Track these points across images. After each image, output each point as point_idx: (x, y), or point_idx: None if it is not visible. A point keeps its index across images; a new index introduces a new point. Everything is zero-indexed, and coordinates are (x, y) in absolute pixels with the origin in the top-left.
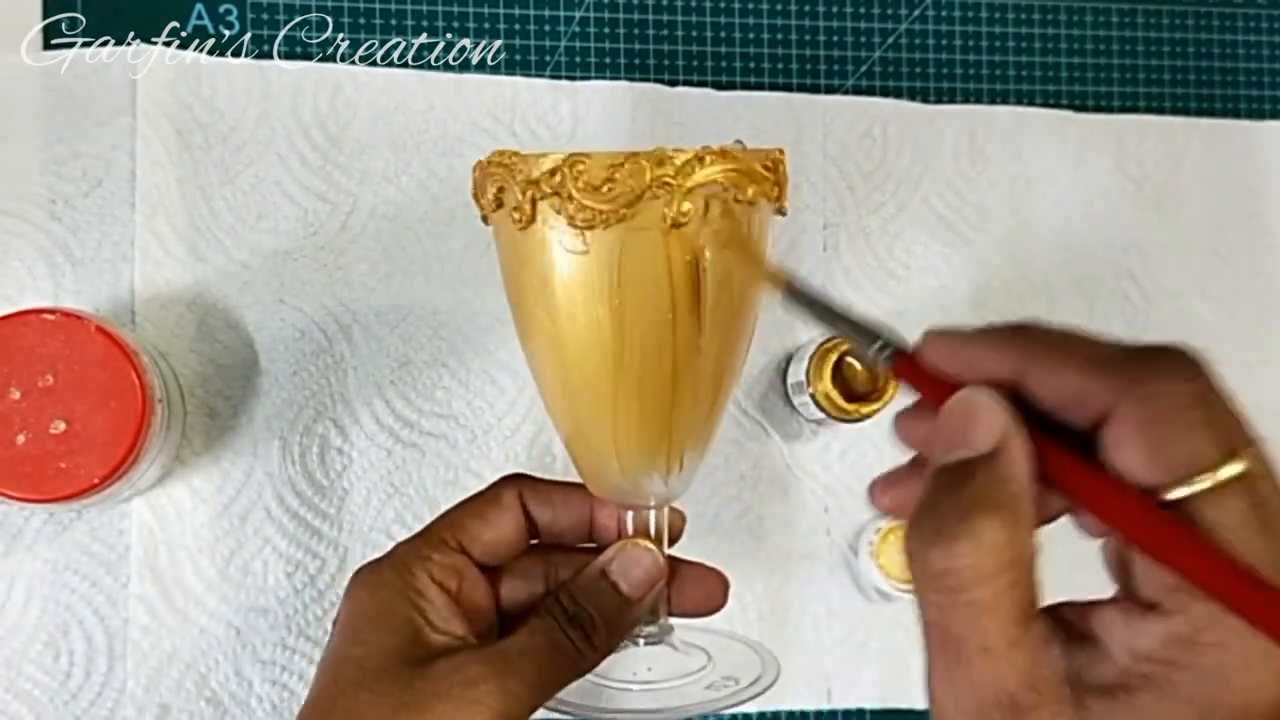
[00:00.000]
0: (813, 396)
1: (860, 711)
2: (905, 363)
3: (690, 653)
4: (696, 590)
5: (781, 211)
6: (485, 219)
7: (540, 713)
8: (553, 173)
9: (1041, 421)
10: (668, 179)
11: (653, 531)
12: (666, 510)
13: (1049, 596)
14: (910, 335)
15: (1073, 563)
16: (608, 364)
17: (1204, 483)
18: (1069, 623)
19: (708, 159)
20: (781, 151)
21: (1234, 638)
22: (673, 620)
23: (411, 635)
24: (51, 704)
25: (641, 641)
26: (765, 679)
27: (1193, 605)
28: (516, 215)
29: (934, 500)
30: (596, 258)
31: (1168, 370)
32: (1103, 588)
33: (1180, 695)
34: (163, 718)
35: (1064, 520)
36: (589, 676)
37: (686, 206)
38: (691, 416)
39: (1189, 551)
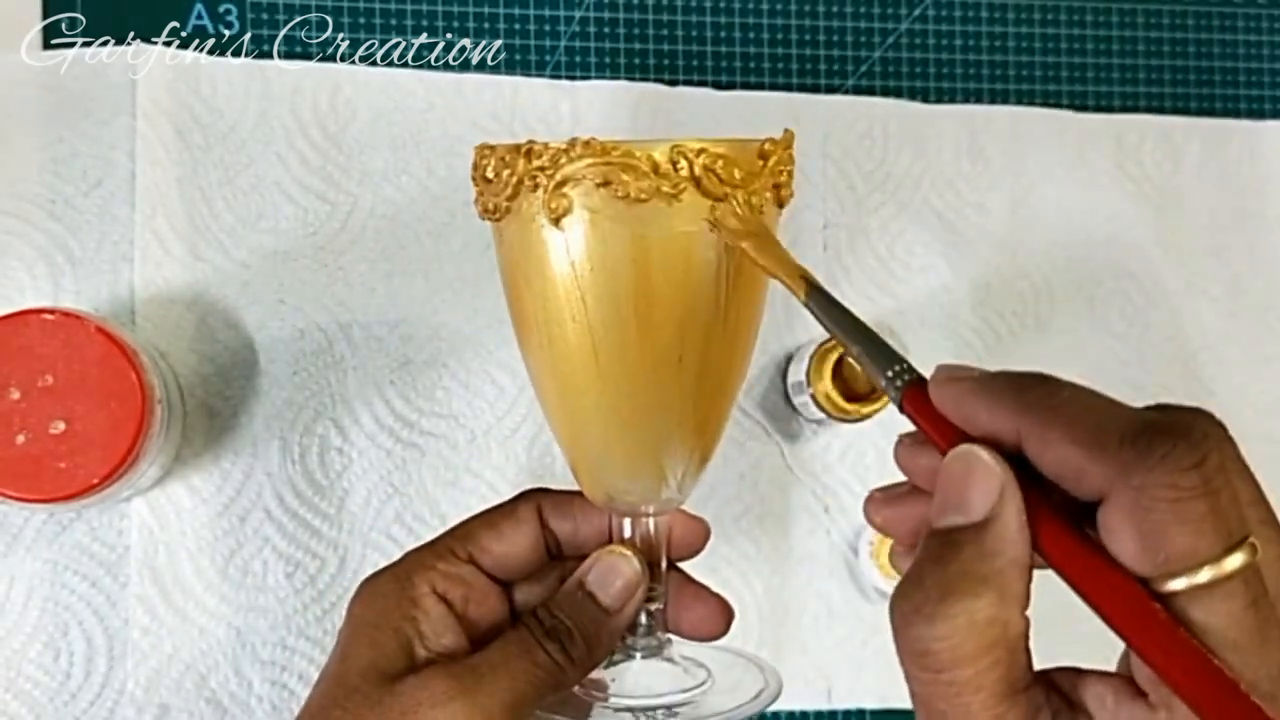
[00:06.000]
0: (813, 396)
1: (860, 712)
2: (916, 397)
3: (690, 669)
4: (696, 610)
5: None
6: (489, 215)
7: None
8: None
9: (1049, 485)
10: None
11: (653, 540)
12: (664, 520)
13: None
14: (910, 335)
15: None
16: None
17: (1200, 578)
18: (1063, 691)
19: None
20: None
21: None
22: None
23: (396, 648)
24: (51, 704)
25: (638, 655)
26: (770, 690)
27: (1179, 704)
28: (553, 208)
29: (919, 573)
30: (572, 247)
31: (1168, 456)
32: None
33: None
34: (162, 718)
35: None
36: (589, 693)
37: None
38: (685, 423)
39: (1171, 651)
